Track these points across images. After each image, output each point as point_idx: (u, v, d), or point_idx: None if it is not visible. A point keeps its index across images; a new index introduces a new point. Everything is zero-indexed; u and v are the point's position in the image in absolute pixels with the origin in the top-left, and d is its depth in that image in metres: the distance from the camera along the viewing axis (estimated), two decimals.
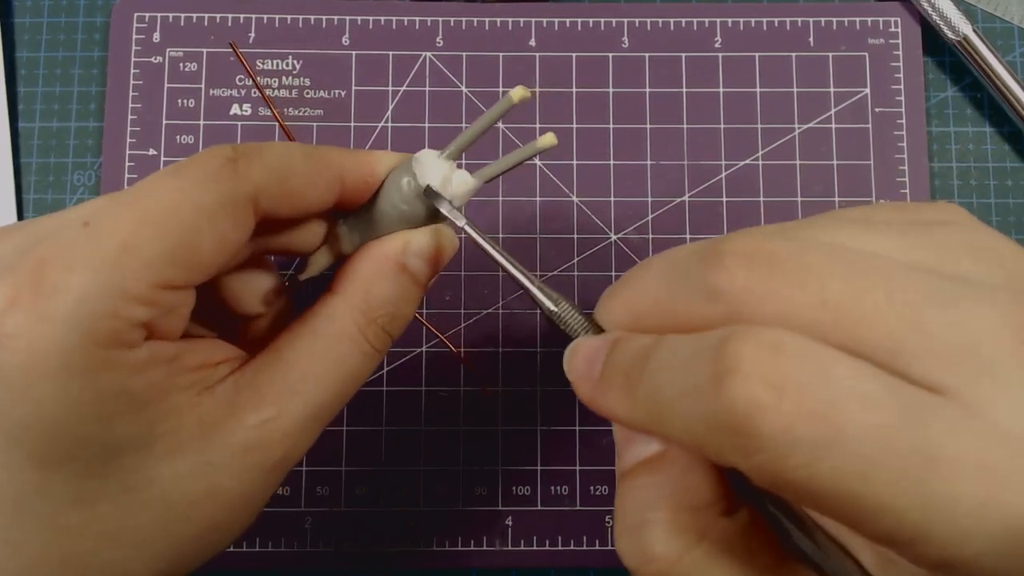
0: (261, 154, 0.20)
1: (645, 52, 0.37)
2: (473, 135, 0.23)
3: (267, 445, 0.20)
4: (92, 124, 0.37)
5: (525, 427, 0.34)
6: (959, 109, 0.37)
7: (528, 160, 0.23)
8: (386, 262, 0.22)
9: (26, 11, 0.38)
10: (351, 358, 0.21)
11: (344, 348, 0.21)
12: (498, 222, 0.35)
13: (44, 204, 0.36)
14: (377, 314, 0.22)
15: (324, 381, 0.21)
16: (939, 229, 0.16)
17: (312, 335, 0.21)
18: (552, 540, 0.34)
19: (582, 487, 0.34)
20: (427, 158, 0.22)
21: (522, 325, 0.35)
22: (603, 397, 0.18)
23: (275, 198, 0.21)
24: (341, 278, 0.22)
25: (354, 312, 0.22)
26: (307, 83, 0.36)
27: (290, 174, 0.21)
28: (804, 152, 0.36)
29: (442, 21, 0.37)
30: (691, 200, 0.36)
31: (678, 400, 0.15)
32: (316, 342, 0.21)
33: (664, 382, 0.16)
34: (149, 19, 0.36)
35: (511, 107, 0.22)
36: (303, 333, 0.21)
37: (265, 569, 0.33)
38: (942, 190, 0.37)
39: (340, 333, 0.21)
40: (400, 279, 0.22)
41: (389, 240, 0.22)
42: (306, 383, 0.21)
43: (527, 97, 0.21)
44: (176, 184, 0.19)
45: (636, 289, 0.18)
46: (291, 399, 0.20)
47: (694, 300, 0.16)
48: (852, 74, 0.37)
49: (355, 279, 0.22)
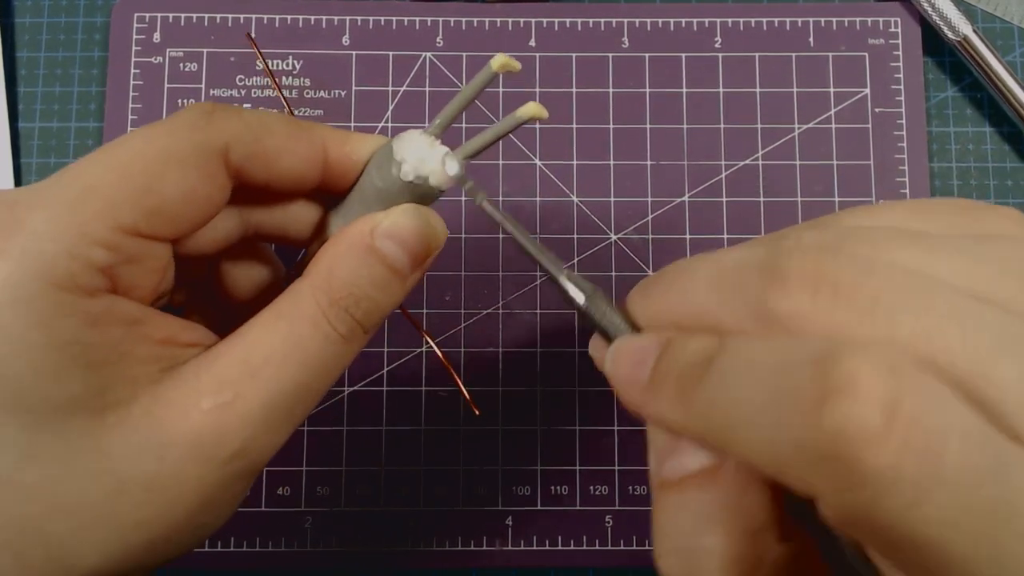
0: (240, 112, 0.20)
1: (645, 52, 0.37)
2: (455, 110, 0.21)
3: (222, 432, 0.19)
4: (92, 124, 0.37)
5: (525, 427, 0.34)
6: (959, 109, 0.37)
7: (511, 131, 0.21)
8: (350, 241, 0.21)
9: (26, 11, 0.38)
10: (312, 341, 0.20)
11: (305, 330, 0.20)
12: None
13: None
14: (339, 295, 0.20)
15: (285, 366, 0.19)
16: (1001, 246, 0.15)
17: (276, 317, 0.20)
18: (552, 540, 0.34)
19: (582, 487, 0.34)
20: (409, 138, 0.21)
21: (522, 325, 0.35)
22: (654, 403, 0.16)
23: (249, 157, 0.20)
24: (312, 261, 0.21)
25: (316, 292, 0.20)
26: (307, 83, 0.36)
27: (266, 133, 0.20)
28: (804, 152, 0.36)
29: (442, 21, 0.37)
30: (691, 200, 0.36)
31: (757, 416, 0.14)
32: (279, 323, 0.20)
33: (738, 394, 0.14)
34: (149, 19, 0.36)
35: (492, 77, 0.21)
36: (268, 316, 0.20)
37: (265, 569, 0.33)
38: (942, 190, 0.37)
39: (302, 314, 0.20)
40: (367, 260, 0.20)
41: (359, 221, 0.21)
42: (266, 367, 0.19)
43: (510, 66, 0.20)
44: (148, 133, 0.19)
45: (679, 293, 0.17)
46: (249, 383, 0.19)
47: (747, 319, 0.15)
48: (852, 74, 0.37)
49: (320, 259, 0.21)
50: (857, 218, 0.17)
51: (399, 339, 0.35)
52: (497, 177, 0.36)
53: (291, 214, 0.23)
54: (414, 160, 0.21)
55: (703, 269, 0.16)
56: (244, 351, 0.19)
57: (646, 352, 0.17)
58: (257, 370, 0.19)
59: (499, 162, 0.36)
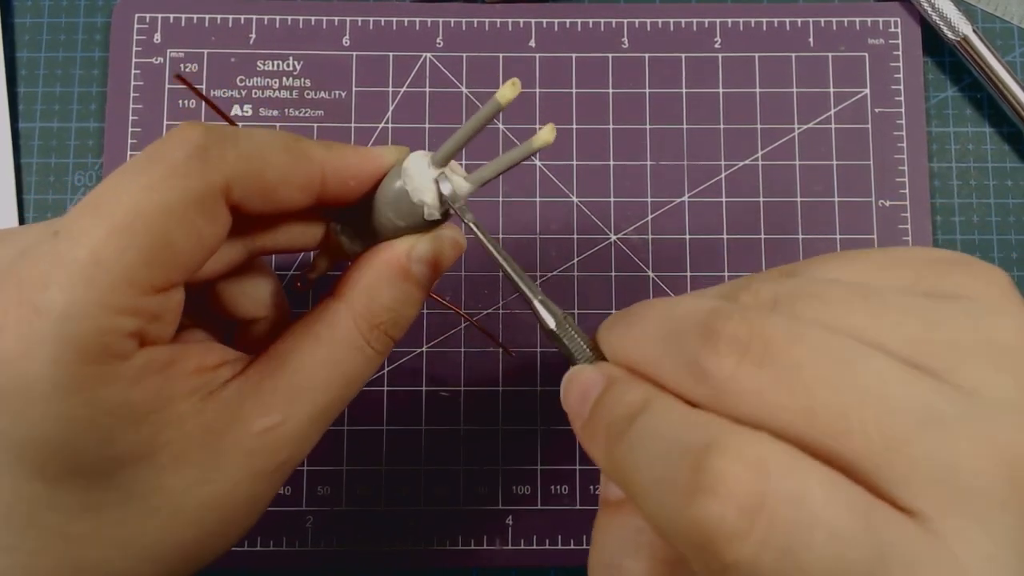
0: (236, 142, 0.20)
1: (645, 52, 0.37)
2: (459, 141, 0.22)
3: (272, 450, 0.20)
4: (93, 125, 0.37)
5: (525, 427, 0.34)
6: (959, 109, 0.37)
7: (525, 159, 0.22)
8: (390, 269, 0.22)
9: (26, 11, 0.38)
10: (354, 362, 0.21)
11: (347, 353, 0.21)
12: (498, 222, 0.36)
13: (45, 204, 0.36)
14: (380, 320, 0.22)
15: (328, 386, 0.21)
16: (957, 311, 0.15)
17: (316, 341, 0.21)
18: (552, 540, 0.34)
19: (582, 487, 0.34)
20: (416, 164, 0.22)
21: (522, 325, 0.35)
22: (587, 441, 0.17)
23: (249, 192, 0.20)
24: (344, 283, 0.22)
25: (358, 319, 0.21)
26: (308, 84, 0.36)
27: (266, 166, 0.20)
28: (804, 152, 0.36)
29: (442, 22, 0.37)
30: (691, 200, 0.36)
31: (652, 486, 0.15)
32: (319, 348, 0.21)
33: (642, 460, 0.15)
34: (150, 20, 0.36)
35: (499, 110, 0.21)
36: (306, 339, 0.21)
37: (266, 568, 0.33)
38: (942, 190, 0.37)
39: (343, 339, 0.21)
40: (404, 285, 0.22)
41: (392, 246, 0.22)
42: (310, 389, 0.21)
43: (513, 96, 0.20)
44: (142, 182, 0.18)
45: (633, 337, 0.17)
46: (296, 405, 0.20)
47: (683, 373, 0.16)
48: (852, 74, 0.37)
49: (358, 285, 0.22)
50: (826, 268, 0.17)
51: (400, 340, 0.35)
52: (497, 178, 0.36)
53: (289, 231, 0.23)
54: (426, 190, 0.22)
55: (657, 315, 0.17)
56: (288, 378, 0.21)
57: (591, 389, 0.18)
58: (302, 393, 0.21)
59: None
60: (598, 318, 0.35)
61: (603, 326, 0.19)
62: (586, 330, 0.20)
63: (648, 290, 0.35)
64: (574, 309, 0.35)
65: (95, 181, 0.36)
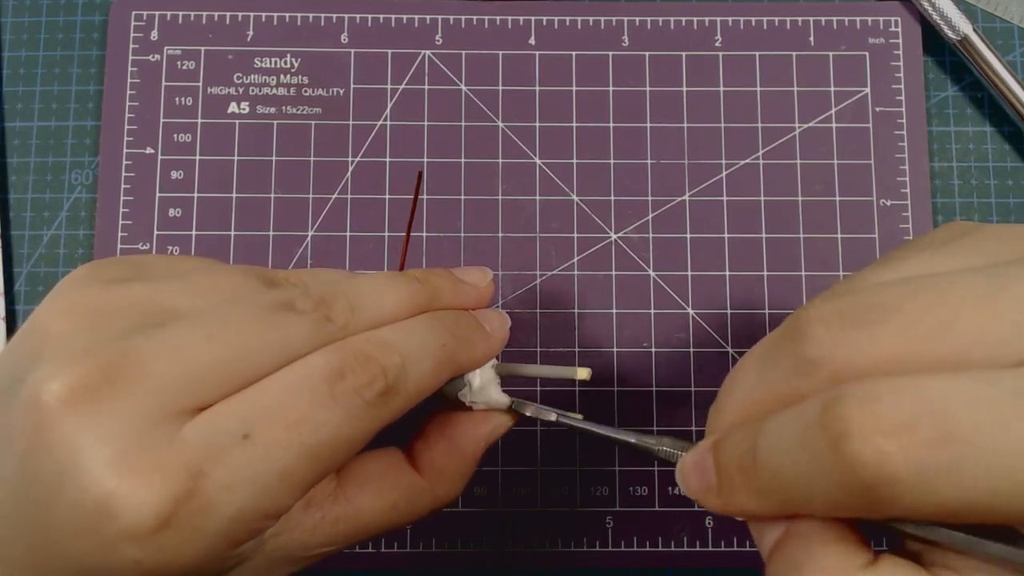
0: (411, 383, 0.21)
1: (645, 51, 0.37)
2: (521, 374, 0.26)
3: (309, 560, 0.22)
4: (90, 123, 0.37)
5: (526, 427, 0.34)
6: (959, 109, 0.37)
7: (558, 379, 0.25)
8: (473, 459, 0.24)
9: (24, 10, 0.37)
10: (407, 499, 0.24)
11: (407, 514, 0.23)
12: (498, 222, 0.35)
13: (42, 203, 0.36)
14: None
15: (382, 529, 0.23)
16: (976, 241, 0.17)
17: (392, 509, 0.23)
18: (552, 541, 0.33)
19: (582, 487, 0.34)
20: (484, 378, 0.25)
21: (523, 325, 0.35)
22: (731, 500, 0.17)
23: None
24: (434, 464, 0.24)
25: (435, 502, 0.24)
26: (305, 81, 0.36)
27: (420, 395, 0.22)
28: (804, 152, 0.36)
29: (441, 19, 0.37)
30: (691, 200, 0.36)
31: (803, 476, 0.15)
32: (390, 514, 0.23)
33: (781, 463, 0.16)
34: (147, 17, 0.36)
35: (572, 378, 0.25)
36: (383, 502, 0.23)
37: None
38: (942, 190, 0.37)
39: (413, 512, 0.23)
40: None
41: (478, 437, 0.25)
42: (369, 532, 0.23)
43: (586, 377, 0.24)
44: (335, 416, 0.19)
45: (734, 388, 0.18)
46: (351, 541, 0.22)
47: (791, 377, 0.16)
48: (852, 74, 0.37)
49: (445, 476, 0.24)
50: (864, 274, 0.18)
51: None
52: (497, 176, 0.36)
53: None
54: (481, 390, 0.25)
55: (746, 360, 0.18)
56: (354, 525, 0.22)
57: (703, 458, 0.18)
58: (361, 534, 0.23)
59: (499, 160, 0.36)
60: (598, 317, 0.35)
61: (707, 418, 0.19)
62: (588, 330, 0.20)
63: (648, 289, 0.35)
64: (574, 308, 0.35)
65: (92, 180, 0.36)
